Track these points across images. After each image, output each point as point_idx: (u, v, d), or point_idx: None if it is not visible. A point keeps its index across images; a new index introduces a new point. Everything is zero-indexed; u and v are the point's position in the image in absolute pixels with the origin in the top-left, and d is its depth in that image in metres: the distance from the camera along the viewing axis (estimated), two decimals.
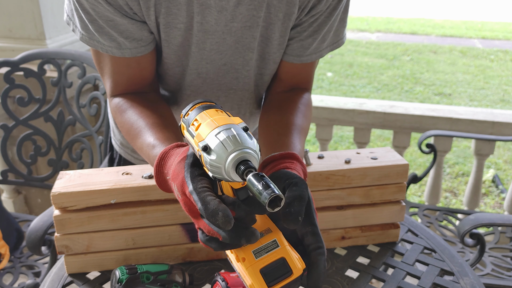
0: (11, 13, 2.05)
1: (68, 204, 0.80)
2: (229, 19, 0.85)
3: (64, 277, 0.86)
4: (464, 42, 8.25)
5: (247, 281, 0.61)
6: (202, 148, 0.56)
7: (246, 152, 0.55)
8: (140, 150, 0.83)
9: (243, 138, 0.55)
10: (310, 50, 0.93)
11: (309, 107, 0.97)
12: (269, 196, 0.50)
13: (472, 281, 0.85)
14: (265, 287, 0.60)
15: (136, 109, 0.89)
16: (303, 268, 0.63)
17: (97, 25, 0.82)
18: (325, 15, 0.89)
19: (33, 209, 2.35)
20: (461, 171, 3.88)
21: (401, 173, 0.90)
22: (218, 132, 0.56)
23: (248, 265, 0.61)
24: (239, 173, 0.54)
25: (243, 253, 0.62)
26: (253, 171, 0.53)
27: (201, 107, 0.63)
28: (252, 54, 0.92)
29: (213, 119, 0.59)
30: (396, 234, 0.95)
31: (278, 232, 0.64)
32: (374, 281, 0.87)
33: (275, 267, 0.61)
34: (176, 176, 0.64)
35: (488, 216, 1.45)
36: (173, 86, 0.97)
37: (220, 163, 0.55)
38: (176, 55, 0.90)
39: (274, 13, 0.87)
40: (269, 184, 0.51)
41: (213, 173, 0.56)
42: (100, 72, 0.93)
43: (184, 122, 0.65)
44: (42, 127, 1.84)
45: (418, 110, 2.27)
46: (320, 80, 6.11)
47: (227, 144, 0.55)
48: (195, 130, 0.60)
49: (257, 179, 0.52)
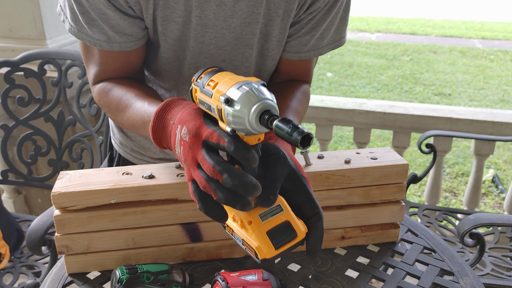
0: (11, 13, 2.05)
1: (68, 204, 0.80)
2: (229, 15, 0.85)
3: (64, 277, 0.86)
4: (464, 42, 8.25)
5: (253, 244, 0.62)
6: (225, 101, 0.57)
7: (268, 103, 0.56)
8: (131, 117, 0.82)
9: (264, 91, 0.57)
10: (308, 47, 0.94)
11: (305, 95, 0.98)
12: (301, 135, 0.52)
13: (472, 281, 0.85)
14: (272, 248, 0.62)
15: (122, 85, 0.89)
16: (305, 232, 0.65)
17: (88, 17, 0.82)
18: (323, 12, 0.89)
19: (33, 209, 2.35)
20: (461, 171, 3.88)
21: (401, 173, 0.90)
22: (240, 85, 0.58)
23: (255, 227, 0.62)
24: (264, 123, 0.56)
25: (250, 216, 0.63)
26: (277, 118, 0.55)
27: (214, 70, 0.65)
28: (252, 50, 0.92)
29: (231, 77, 0.61)
30: (396, 234, 0.95)
31: (281, 197, 0.65)
32: (374, 281, 0.87)
33: (280, 230, 0.63)
34: (189, 119, 0.64)
35: (488, 216, 1.45)
36: (170, 82, 0.97)
37: (244, 113, 0.56)
38: (173, 49, 0.90)
39: (273, 10, 0.87)
40: (297, 126, 0.53)
41: (235, 124, 0.58)
42: (85, 61, 0.92)
43: (197, 85, 0.66)
44: (42, 127, 1.84)
45: (418, 110, 2.27)
46: (320, 80, 6.11)
47: (250, 95, 0.56)
48: (212, 88, 0.62)
49: (285, 123, 0.53)
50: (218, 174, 0.59)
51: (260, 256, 0.62)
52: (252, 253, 0.64)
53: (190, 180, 0.64)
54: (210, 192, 0.60)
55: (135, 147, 1.10)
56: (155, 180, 0.82)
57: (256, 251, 0.62)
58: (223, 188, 0.59)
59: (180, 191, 0.82)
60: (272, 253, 0.62)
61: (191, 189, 0.63)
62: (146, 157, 1.10)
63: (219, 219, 0.63)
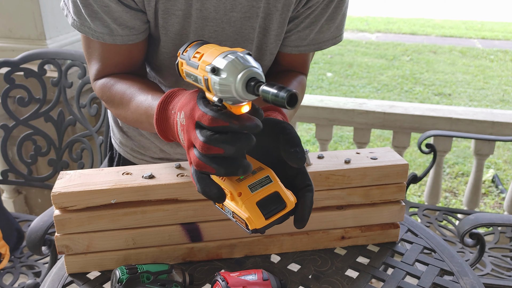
0: (11, 13, 2.04)
1: (68, 204, 0.80)
2: (229, 9, 0.86)
3: (64, 277, 0.86)
4: (464, 42, 8.25)
5: (243, 215, 0.63)
6: (211, 70, 0.58)
7: (253, 70, 0.57)
8: (135, 111, 0.82)
9: (249, 59, 0.58)
10: (307, 41, 0.94)
11: (302, 85, 0.98)
12: (288, 93, 0.52)
13: (472, 281, 0.85)
14: (262, 218, 0.62)
15: (125, 80, 0.89)
16: (295, 202, 0.65)
17: (91, 10, 0.82)
18: (322, 6, 0.90)
19: (33, 209, 2.35)
20: (461, 171, 3.88)
21: (401, 173, 0.90)
22: (226, 55, 0.58)
23: (245, 198, 0.63)
24: (250, 90, 0.56)
25: (240, 187, 0.63)
26: (263, 83, 0.55)
27: (199, 43, 0.66)
28: (251, 45, 0.92)
29: (216, 48, 0.62)
30: (396, 234, 0.95)
31: (269, 169, 0.66)
32: (374, 281, 0.87)
33: (270, 200, 0.63)
34: (186, 103, 0.65)
35: (488, 216, 1.45)
36: (171, 78, 0.97)
37: (230, 82, 0.56)
38: (173, 43, 0.90)
39: (272, 4, 0.87)
40: (282, 86, 0.53)
41: (222, 93, 0.58)
42: (87, 56, 0.93)
43: (183, 58, 0.67)
44: (42, 127, 1.84)
45: (418, 110, 2.27)
46: (320, 80, 6.11)
47: (236, 63, 0.57)
48: (198, 60, 0.62)
49: (270, 86, 0.54)
50: (212, 149, 0.59)
51: (251, 226, 0.62)
52: (242, 225, 0.64)
53: (190, 163, 0.64)
54: (206, 169, 0.60)
55: (135, 147, 1.10)
56: (155, 180, 0.82)
57: (247, 221, 0.62)
58: (219, 160, 0.59)
59: (180, 191, 0.82)
60: (262, 223, 0.62)
61: (191, 173, 0.64)
62: (146, 157, 1.10)
63: (217, 199, 0.62)
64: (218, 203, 0.68)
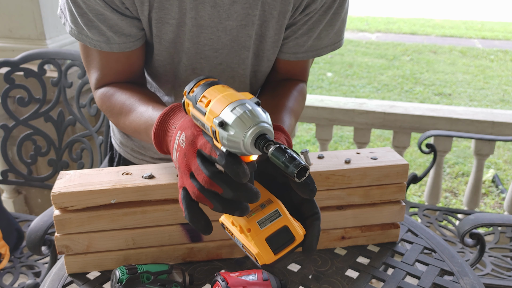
0: (11, 13, 2.04)
1: (68, 204, 0.80)
2: (224, 17, 0.85)
3: (64, 277, 0.86)
4: (464, 42, 8.25)
5: (253, 250, 0.63)
6: (219, 124, 0.56)
7: (263, 127, 0.56)
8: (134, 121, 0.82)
9: (258, 113, 0.56)
10: (305, 47, 0.93)
11: (302, 94, 0.98)
12: (297, 168, 0.52)
13: (472, 281, 0.85)
14: (271, 254, 0.63)
15: (125, 90, 0.89)
16: (304, 234, 0.65)
17: (87, 19, 0.82)
18: (320, 13, 0.89)
19: (33, 209, 2.35)
20: (461, 171, 3.88)
21: (401, 173, 0.90)
22: (234, 107, 0.56)
23: (254, 235, 0.63)
24: (259, 147, 0.55)
25: (248, 224, 0.64)
26: (273, 144, 0.54)
27: (206, 83, 0.63)
28: (248, 52, 0.92)
29: (224, 95, 0.59)
30: (396, 234, 0.95)
31: (279, 202, 0.66)
32: (374, 281, 0.87)
33: (279, 235, 0.64)
34: (189, 126, 0.64)
35: (488, 216, 1.45)
36: (166, 85, 0.97)
37: (238, 138, 0.55)
38: (167, 51, 0.90)
39: (268, 11, 0.87)
40: (294, 156, 0.53)
41: (230, 147, 0.57)
42: (87, 66, 0.92)
43: (189, 99, 0.64)
44: (42, 127, 1.84)
45: (418, 110, 2.27)
46: (320, 80, 6.11)
47: (244, 119, 0.55)
48: (204, 106, 0.60)
49: (281, 152, 0.53)
50: (215, 186, 0.58)
51: (260, 262, 0.63)
52: (252, 257, 0.65)
53: (181, 187, 0.64)
54: (205, 202, 0.60)
55: (136, 147, 1.10)
56: (155, 180, 0.82)
57: (256, 257, 0.63)
58: (219, 197, 0.59)
59: None
60: (271, 259, 0.63)
61: (180, 196, 0.64)
62: (146, 157, 1.10)
63: (203, 231, 0.63)
64: (227, 230, 0.68)
